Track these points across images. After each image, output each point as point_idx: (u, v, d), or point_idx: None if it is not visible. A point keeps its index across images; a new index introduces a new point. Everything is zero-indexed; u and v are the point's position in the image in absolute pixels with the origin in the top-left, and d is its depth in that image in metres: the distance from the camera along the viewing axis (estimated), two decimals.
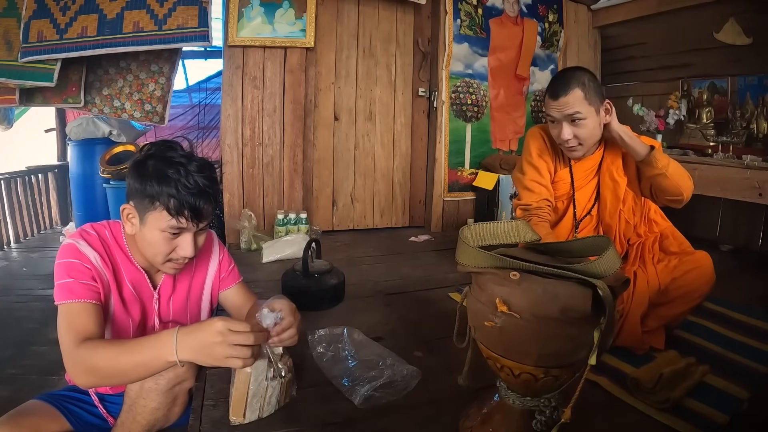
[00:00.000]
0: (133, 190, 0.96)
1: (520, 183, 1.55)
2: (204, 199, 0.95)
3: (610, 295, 0.71)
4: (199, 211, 0.95)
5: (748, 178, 2.22)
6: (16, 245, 3.14)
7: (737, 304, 1.76)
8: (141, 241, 1.00)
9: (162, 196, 0.92)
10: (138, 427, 1.00)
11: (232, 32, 2.51)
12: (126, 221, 1.00)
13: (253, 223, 2.49)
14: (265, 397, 0.96)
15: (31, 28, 2.18)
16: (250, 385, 0.93)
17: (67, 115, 3.68)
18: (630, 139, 1.34)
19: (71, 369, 0.87)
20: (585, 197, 1.51)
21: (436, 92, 3.01)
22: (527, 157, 1.55)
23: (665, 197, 1.37)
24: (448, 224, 3.11)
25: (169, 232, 0.95)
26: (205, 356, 0.83)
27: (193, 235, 0.99)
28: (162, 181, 0.92)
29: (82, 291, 0.92)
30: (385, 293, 1.86)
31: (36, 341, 1.75)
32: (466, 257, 0.82)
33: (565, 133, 1.38)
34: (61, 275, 0.94)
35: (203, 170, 0.96)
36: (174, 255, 0.99)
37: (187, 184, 0.93)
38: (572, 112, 1.34)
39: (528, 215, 1.48)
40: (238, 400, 0.94)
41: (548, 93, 1.39)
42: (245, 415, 0.95)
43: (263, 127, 2.66)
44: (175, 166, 0.93)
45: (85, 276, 0.94)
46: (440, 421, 1.01)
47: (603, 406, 1.11)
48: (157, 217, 0.94)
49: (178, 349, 0.82)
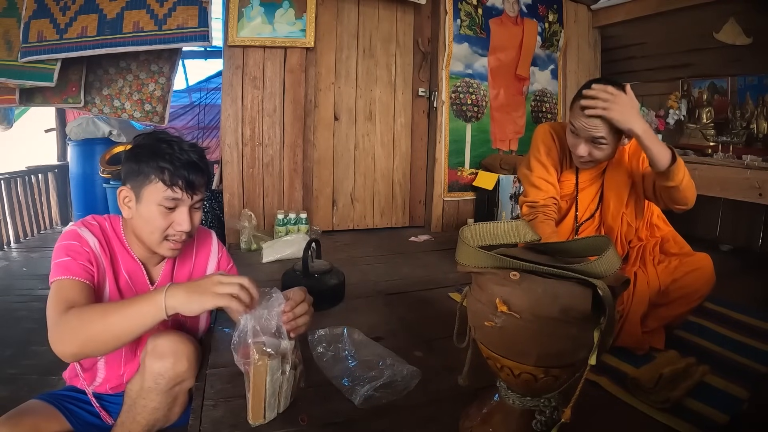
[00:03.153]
0: (129, 171, 1.01)
1: (527, 180, 1.52)
2: (196, 170, 1.01)
3: (610, 295, 0.71)
4: (192, 182, 1.00)
5: (748, 178, 2.22)
6: (16, 245, 3.14)
7: (737, 304, 1.76)
8: (138, 221, 1.02)
9: (156, 169, 0.98)
10: (138, 427, 1.00)
11: (232, 32, 2.51)
12: (123, 206, 1.03)
13: (253, 223, 2.49)
14: (281, 393, 0.96)
15: (31, 28, 2.18)
16: (267, 385, 0.92)
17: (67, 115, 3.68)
18: (653, 143, 1.22)
19: (57, 336, 0.84)
20: (588, 199, 1.50)
21: (436, 92, 3.01)
22: (536, 154, 1.51)
23: (669, 204, 1.34)
24: (448, 224, 3.11)
25: (165, 206, 0.99)
26: (196, 295, 0.82)
27: (189, 210, 1.02)
28: (156, 155, 0.98)
29: (77, 270, 0.94)
30: (385, 293, 1.86)
31: (36, 341, 1.75)
32: (466, 257, 0.82)
33: (581, 151, 1.35)
34: (59, 255, 0.96)
35: (194, 147, 1.04)
36: (171, 231, 1.01)
37: (180, 156, 0.99)
38: (598, 135, 1.29)
39: (534, 212, 1.46)
40: (257, 402, 0.93)
41: (580, 104, 1.29)
42: (265, 416, 0.94)
43: (263, 127, 2.66)
44: (167, 143, 1.00)
45: (82, 257, 0.97)
46: (440, 421, 1.01)
47: (603, 406, 1.11)
48: (153, 190, 0.98)
49: (168, 295, 0.81)
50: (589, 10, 3.43)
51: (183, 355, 0.97)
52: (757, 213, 2.65)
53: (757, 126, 2.58)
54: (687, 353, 1.30)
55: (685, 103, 2.90)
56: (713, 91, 2.88)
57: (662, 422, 1.04)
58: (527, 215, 1.47)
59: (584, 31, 3.46)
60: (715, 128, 2.75)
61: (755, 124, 2.59)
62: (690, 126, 2.85)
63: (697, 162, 2.47)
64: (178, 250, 1.06)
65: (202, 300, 0.82)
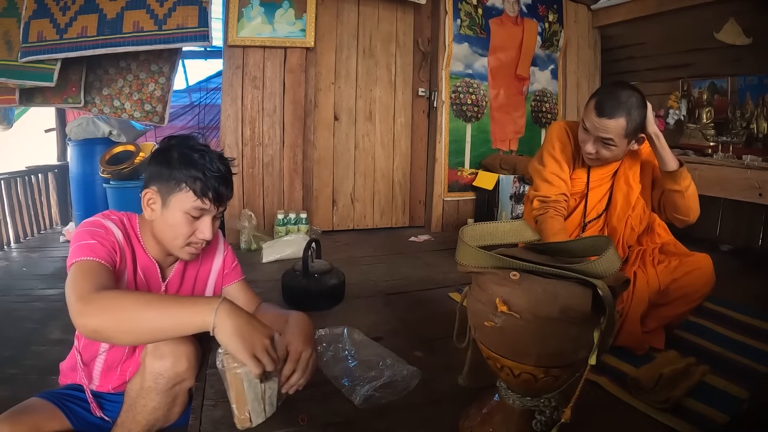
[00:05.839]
0: (157, 175, 1.01)
1: (539, 174, 1.52)
2: (225, 183, 1.03)
3: (610, 295, 0.71)
4: (221, 195, 1.03)
5: (748, 178, 2.22)
6: (16, 245, 3.13)
7: (737, 304, 1.76)
8: (161, 225, 1.03)
9: (189, 178, 0.99)
10: (138, 426, 1.00)
11: (232, 32, 2.51)
12: (146, 207, 1.03)
13: (253, 223, 2.49)
14: (265, 399, 0.95)
15: (31, 28, 2.18)
16: (245, 390, 0.91)
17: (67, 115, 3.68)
18: (662, 147, 1.34)
19: (85, 308, 0.80)
20: (596, 198, 1.50)
21: (436, 92, 3.01)
22: (549, 150, 1.52)
23: (672, 213, 1.39)
24: (448, 224, 3.11)
25: (191, 214, 1.01)
26: (245, 335, 0.81)
27: (212, 219, 1.05)
28: (189, 164, 0.99)
29: (102, 253, 0.93)
30: (385, 293, 1.86)
31: (36, 341, 1.75)
32: (466, 257, 0.82)
33: (590, 148, 1.38)
34: (82, 237, 0.94)
35: (223, 159, 1.06)
36: (193, 238, 1.03)
37: (212, 168, 1.00)
38: (606, 137, 1.33)
39: (545, 207, 1.46)
40: (240, 407, 0.93)
41: (594, 103, 1.34)
42: (251, 420, 0.94)
43: (263, 127, 2.66)
44: (199, 152, 1.01)
45: (108, 244, 0.96)
46: (440, 421, 1.01)
47: (603, 406, 1.11)
48: (182, 199, 1.00)
49: (218, 316, 0.79)
50: (589, 10, 3.43)
51: (183, 355, 0.97)
52: (757, 213, 2.65)
53: (757, 126, 2.58)
54: (687, 353, 1.30)
55: (685, 103, 2.90)
56: (713, 91, 2.88)
57: (662, 422, 1.04)
58: (537, 209, 1.47)
59: (584, 31, 3.46)
60: (715, 128, 2.75)
61: (755, 124, 2.59)
62: (690, 126, 2.85)
63: (697, 162, 2.46)
64: (197, 254, 1.09)
65: (243, 346, 0.80)
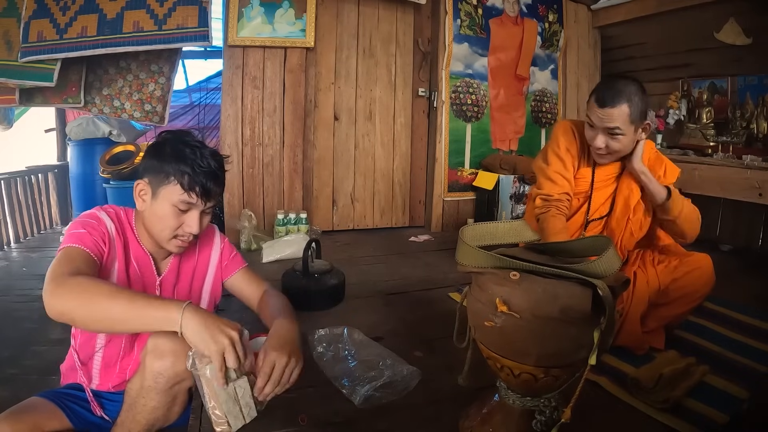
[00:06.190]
0: (149, 167, 1.04)
1: (543, 173, 1.52)
2: (214, 179, 1.04)
3: (610, 295, 0.71)
4: (209, 190, 1.04)
5: (748, 178, 2.22)
6: (16, 245, 3.13)
7: (737, 304, 1.76)
8: (150, 216, 1.05)
9: (177, 172, 1.01)
10: (138, 426, 1.00)
11: (232, 32, 2.51)
12: (138, 197, 1.06)
13: (253, 223, 2.49)
14: (238, 399, 0.90)
15: (31, 28, 2.18)
16: (216, 391, 0.87)
17: (67, 115, 3.68)
18: (649, 181, 1.38)
19: (55, 290, 0.82)
20: (600, 199, 1.50)
21: (436, 92, 3.01)
22: (554, 149, 1.52)
23: (670, 234, 1.45)
24: (448, 224, 3.11)
25: (179, 207, 1.02)
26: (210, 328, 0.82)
27: (200, 214, 1.06)
28: (179, 159, 1.01)
29: (89, 243, 0.96)
30: (385, 293, 1.86)
31: (36, 341, 1.75)
32: (466, 257, 0.82)
33: (599, 142, 1.38)
34: (74, 227, 0.98)
35: (215, 156, 1.07)
36: (180, 231, 1.05)
37: (201, 164, 1.02)
38: (613, 126, 1.33)
39: (548, 206, 1.46)
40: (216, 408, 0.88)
41: (595, 97, 1.36)
42: (230, 424, 0.90)
43: (263, 127, 2.66)
44: (191, 148, 1.03)
45: (96, 234, 0.99)
46: (440, 421, 1.01)
47: (603, 406, 1.11)
48: (170, 191, 1.02)
49: (185, 314, 0.81)
50: (589, 10, 3.43)
51: (183, 355, 0.97)
52: (757, 213, 2.65)
53: (757, 126, 2.58)
54: (687, 353, 1.30)
55: (685, 103, 2.91)
56: (713, 91, 2.88)
57: (662, 422, 1.04)
58: (540, 207, 1.47)
59: (584, 31, 3.46)
60: (715, 128, 2.75)
61: (755, 124, 2.59)
62: (690, 126, 2.85)
63: (697, 162, 2.47)
64: (184, 248, 1.10)
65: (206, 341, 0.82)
